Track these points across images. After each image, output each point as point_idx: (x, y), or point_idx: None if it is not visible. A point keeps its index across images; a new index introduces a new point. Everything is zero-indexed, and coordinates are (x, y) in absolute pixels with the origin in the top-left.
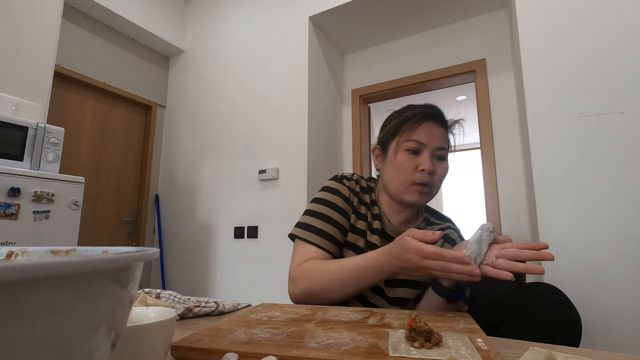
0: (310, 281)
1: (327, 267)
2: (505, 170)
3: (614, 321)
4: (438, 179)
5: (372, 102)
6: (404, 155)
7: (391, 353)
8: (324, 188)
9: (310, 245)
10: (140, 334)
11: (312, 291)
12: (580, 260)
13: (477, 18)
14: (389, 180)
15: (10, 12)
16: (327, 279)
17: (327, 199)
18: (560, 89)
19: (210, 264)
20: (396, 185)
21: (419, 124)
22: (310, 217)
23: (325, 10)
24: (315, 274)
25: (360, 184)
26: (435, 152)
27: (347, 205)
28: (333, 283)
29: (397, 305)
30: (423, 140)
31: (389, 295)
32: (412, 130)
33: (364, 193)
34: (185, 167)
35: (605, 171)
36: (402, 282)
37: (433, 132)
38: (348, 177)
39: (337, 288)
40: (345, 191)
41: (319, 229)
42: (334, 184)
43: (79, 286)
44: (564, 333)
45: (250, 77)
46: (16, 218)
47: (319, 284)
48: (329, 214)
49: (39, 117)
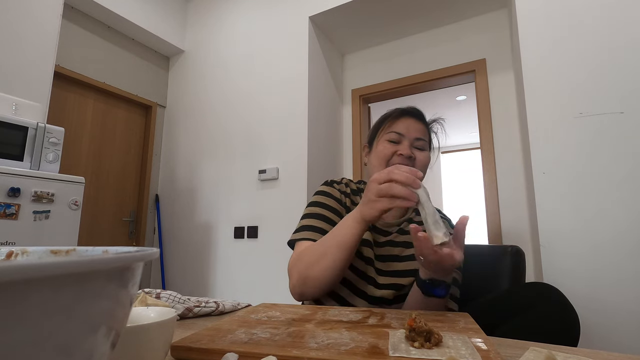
0: (300, 264)
1: (312, 245)
2: (505, 170)
3: (613, 321)
4: (419, 166)
5: (372, 102)
6: (384, 144)
7: (391, 353)
8: (316, 193)
9: (305, 242)
10: (140, 334)
11: (303, 273)
12: (580, 260)
13: (477, 18)
14: (372, 170)
15: (10, 12)
16: (311, 252)
17: (319, 201)
18: (560, 89)
19: (210, 264)
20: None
21: (399, 118)
22: (304, 220)
23: (325, 10)
24: (304, 255)
25: (350, 187)
26: (414, 142)
27: (339, 205)
28: (317, 252)
29: (391, 290)
30: (402, 131)
31: (380, 282)
32: (391, 124)
33: (355, 195)
34: (185, 167)
35: (605, 171)
36: (395, 272)
37: (411, 125)
38: (338, 181)
39: (321, 257)
40: (336, 193)
41: (312, 226)
42: (325, 187)
43: (79, 286)
44: (562, 333)
45: (250, 77)
46: (16, 218)
47: (306, 262)
48: (322, 212)
49: (39, 117)
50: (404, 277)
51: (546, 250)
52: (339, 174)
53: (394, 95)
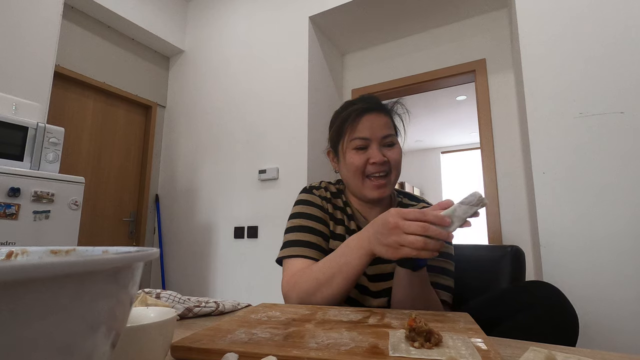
0: (300, 290)
1: (311, 269)
2: (505, 170)
3: (613, 320)
4: (394, 164)
5: None
6: (352, 154)
7: (391, 353)
8: (296, 203)
9: (296, 259)
10: (140, 334)
11: (304, 299)
12: (579, 259)
13: (477, 18)
14: (347, 180)
15: (10, 12)
16: (313, 278)
17: (302, 212)
18: (560, 89)
19: (210, 264)
20: (354, 184)
21: (359, 119)
22: (290, 234)
23: (325, 10)
24: (302, 281)
25: (329, 190)
26: (382, 141)
27: (322, 213)
28: (319, 280)
29: (385, 297)
30: (367, 135)
31: (372, 290)
32: (353, 128)
33: (336, 198)
34: (185, 167)
35: (605, 171)
36: (385, 275)
37: (374, 123)
38: (316, 186)
39: (324, 283)
40: (317, 200)
41: (300, 240)
42: (305, 195)
43: (79, 286)
44: (561, 332)
45: (251, 77)
46: (16, 218)
47: (308, 289)
48: (307, 224)
49: (39, 117)
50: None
51: (546, 250)
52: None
53: (394, 95)
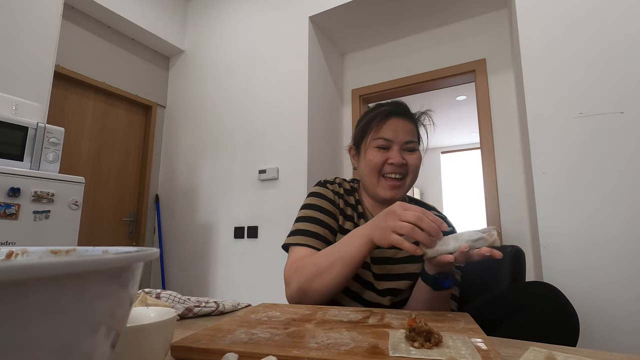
0: (301, 275)
1: (314, 256)
2: (505, 170)
3: (613, 321)
4: (412, 169)
5: (372, 102)
6: (373, 152)
7: (391, 353)
8: (309, 194)
9: (301, 247)
10: (140, 334)
11: (304, 284)
12: (579, 259)
13: (477, 18)
14: (364, 177)
15: (10, 12)
16: (314, 263)
17: (313, 203)
18: (560, 89)
19: (210, 264)
20: (370, 181)
21: (385, 121)
22: (299, 223)
23: (325, 10)
24: (303, 267)
25: (343, 187)
26: (404, 145)
27: (333, 207)
28: (319, 266)
29: (388, 296)
30: (390, 137)
31: (378, 288)
32: (379, 128)
33: (348, 195)
34: (185, 167)
35: (605, 171)
36: (391, 276)
37: (399, 127)
38: (331, 181)
39: (325, 269)
40: (330, 194)
41: (308, 230)
42: (319, 188)
43: (79, 286)
44: (561, 332)
45: (250, 77)
46: (16, 218)
47: (308, 274)
48: (317, 216)
49: (39, 117)
50: (400, 281)
51: (546, 250)
52: (338, 174)
53: (394, 95)
